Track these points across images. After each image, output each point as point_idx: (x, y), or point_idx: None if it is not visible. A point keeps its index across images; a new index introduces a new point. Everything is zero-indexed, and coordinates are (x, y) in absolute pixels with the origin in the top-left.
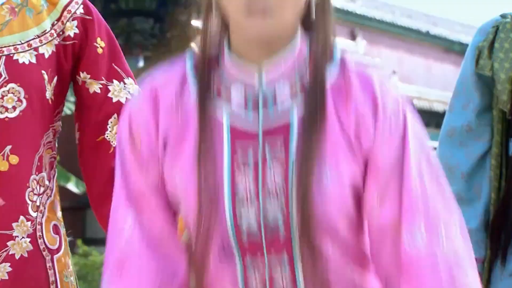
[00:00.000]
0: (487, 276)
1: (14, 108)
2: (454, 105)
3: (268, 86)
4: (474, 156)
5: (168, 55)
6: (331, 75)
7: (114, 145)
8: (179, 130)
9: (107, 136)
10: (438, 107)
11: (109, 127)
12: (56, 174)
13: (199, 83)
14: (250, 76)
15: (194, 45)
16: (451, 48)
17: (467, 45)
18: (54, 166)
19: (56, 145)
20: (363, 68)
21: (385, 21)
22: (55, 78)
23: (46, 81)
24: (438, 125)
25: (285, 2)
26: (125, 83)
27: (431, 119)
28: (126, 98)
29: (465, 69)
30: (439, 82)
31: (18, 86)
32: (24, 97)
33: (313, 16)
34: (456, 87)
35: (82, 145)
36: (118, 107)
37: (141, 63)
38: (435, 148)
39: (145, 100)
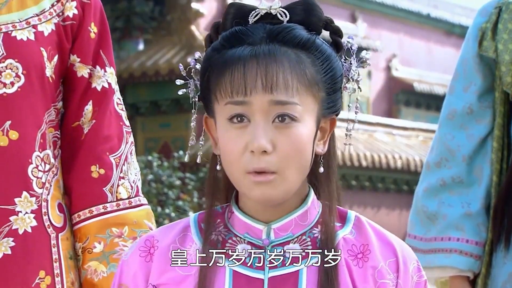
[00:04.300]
0: (487, 259)
1: (12, 83)
2: (455, 88)
3: (277, 247)
4: (475, 139)
5: (168, 37)
6: (346, 235)
7: (85, 132)
8: (177, 274)
9: (81, 122)
10: (438, 90)
11: (84, 113)
12: (60, 154)
13: (204, 235)
14: (257, 236)
15: (194, 28)
16: (452, 31)
17: (468, 28)
18: (58, 146)
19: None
20: (380, 228)
21: (385, 3)
22: (56, 57)
23: (45, 58)
24: (438, 108)
25: (287, 168)
26: (105, 71)
27: (432, 102)
28: (102, 86)
29: (466, 51)
30: (440, 65)
31: (16, 61)
32: (22, 73)
33: (321, 169)
34: (457, 69)
35: (61, 128)
36: (93, 93)
37: (141, 46)
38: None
39: (136, 251)
